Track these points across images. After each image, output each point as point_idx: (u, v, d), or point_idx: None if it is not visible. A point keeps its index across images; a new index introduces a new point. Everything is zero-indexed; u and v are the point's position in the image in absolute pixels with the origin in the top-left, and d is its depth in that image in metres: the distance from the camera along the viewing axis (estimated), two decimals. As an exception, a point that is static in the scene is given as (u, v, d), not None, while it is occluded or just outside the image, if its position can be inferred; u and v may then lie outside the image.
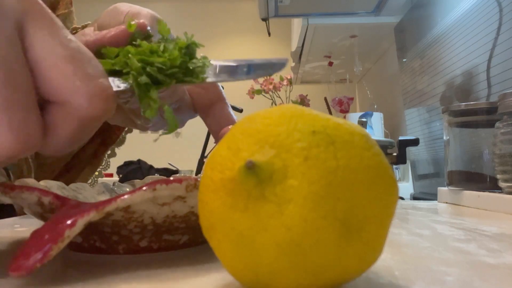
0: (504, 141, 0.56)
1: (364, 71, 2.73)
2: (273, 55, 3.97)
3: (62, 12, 0.53)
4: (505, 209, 0.53)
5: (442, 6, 1.39)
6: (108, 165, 0.58)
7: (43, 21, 0.22)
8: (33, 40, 0.22)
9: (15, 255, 0.20)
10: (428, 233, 0.37)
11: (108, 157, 0.57)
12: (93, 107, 0.22)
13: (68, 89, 0.22)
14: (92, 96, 0.22)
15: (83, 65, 0.23)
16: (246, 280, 0.18)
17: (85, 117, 0.22)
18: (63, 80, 0.22)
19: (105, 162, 0.57)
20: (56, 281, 0.22)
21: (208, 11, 4.09)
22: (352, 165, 0.17)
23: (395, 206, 0.18)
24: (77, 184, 0.38)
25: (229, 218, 0.17)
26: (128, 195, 0.23)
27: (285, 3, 1.63)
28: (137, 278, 0.22)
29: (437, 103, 1.41)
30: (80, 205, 0.23)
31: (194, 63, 0.32)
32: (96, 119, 0.23)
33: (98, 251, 0.28)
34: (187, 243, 0.30)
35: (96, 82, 0.23)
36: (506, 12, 0.97)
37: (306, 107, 0.19)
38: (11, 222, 0.47)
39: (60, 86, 0.22)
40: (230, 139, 0.19)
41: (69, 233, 0.21)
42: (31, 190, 0.26)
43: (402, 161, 1.35)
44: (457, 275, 0.23)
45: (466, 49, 1.18)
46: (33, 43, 0.22)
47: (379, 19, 1.85)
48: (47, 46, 0.22)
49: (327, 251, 0.16)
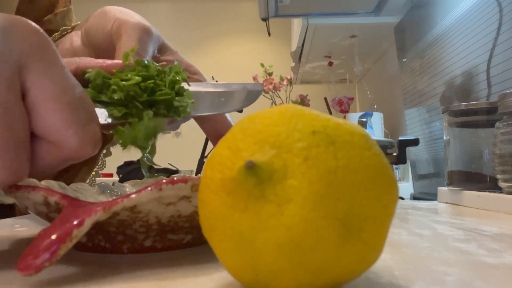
0: (504, 141, 0.56)
1: (364, 71, 2.73)
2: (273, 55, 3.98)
3: (61, 10, 0.53)
4: (505, 209, 0.54)
5: (442, 6, 1.39)
6: (104, 165, 0.58)
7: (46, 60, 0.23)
8: (35, 80, 0.22)
9: (23, 254, 0.20)
10: (428, 233, 0.37)
11: (103, 157, 0.57)
12: (82, 151, 0.24)
13: (62, 135, 0.23)
14: (83, 143, 0.24)
15: (78, 113, 0.24)
16: (246, 280, 0.18)
17: (72, 158, 0.24)
18: (59, 126, 0.23)
19: (101, 162, 0.57)
20: (60, 280, 0.22)
21: (208, 11, 4.09)
22: (352, 165, 0.17)
23: (395, 206, 0.18)
24: (78, 184, 0.38)
25: (229, 218, 0.17)
26: (135, 195, 0.23)
27: (285, 3, 1.63)
28: (138, 277, 0.23)
29: (437, 103, 1.41)
30: (87, 205, 0.23)
31: (178, 101, 0.34)
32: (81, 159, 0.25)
33: (103, 250, 0.28)
34: (190, 242, 0.30)
35: (88, 129, 0.24)
36: (506, 12, 0.97)
37: (306, 107, 0.19)
38: (11, 222, 0.47)
39: (55, 129, 0.23)
40: (230, 139, 0.19)
41: (77, 233, 0.21)
42: (37, 190, 0.26)
43: (402, 161, 1.35)
44: (457, 275, 0.23)
45: (466, 49, 1.18)
46: (34, 83, 0.22)
47: (379, 19, 1.85)
48: (47, 89, 0.23)
49: (327, 251, 0.16)
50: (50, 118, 0.23)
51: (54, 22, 0.52)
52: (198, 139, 2.86)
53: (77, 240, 0.21)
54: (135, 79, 0.32)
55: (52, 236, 0.20)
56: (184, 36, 3.82)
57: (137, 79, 0.32)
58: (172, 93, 0.33)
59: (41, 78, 0.22)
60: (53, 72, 0.23)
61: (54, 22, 0.52)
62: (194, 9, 4.10)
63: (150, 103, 0.33)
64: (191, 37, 3.84)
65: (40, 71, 0.22)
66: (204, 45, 3.89)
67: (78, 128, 0.23)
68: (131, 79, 0.32)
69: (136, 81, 0.32)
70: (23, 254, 0.20)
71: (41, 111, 0.22)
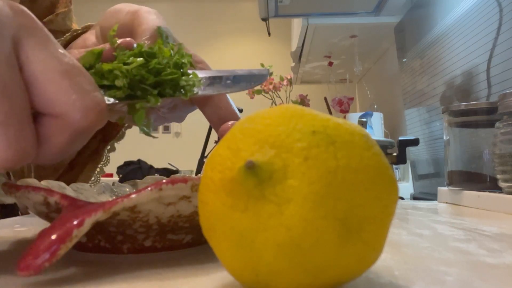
0: (504, 141, 0.56)
1: (364, 71, 2.73)
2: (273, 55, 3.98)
3: (62, 11, 0.53)
4: (505, 209, 0.54)
5: (442, 6, 1.39)
6: (108, 161, 0.58)
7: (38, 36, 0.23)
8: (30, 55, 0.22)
9: (23, 255, 0.20)
10: (428, 233, 0.37)
11: (108, 152, 0.57)
12: (88, 120, 0.23)
13: (64, 103, 0.23)
14: (87, 110, 0.23)
15: (78, 80, 0.23)
16: (246, 280, 0.18)
17: (78, 129, 0.23)
18: (60, 94, 0.22)
19: (105, 158, 0.57)
20: (59, 281, 0.22)
21: (208, 11, 4.09)
22: (352, 165, 0.17)
23: (395, 206, 0.18)
24: (78, 184, 0.38)
25: (229, 218, 0.17)
26: (135, 195, 0.23)
27: (285, 3, 1.63)
28: (138, 277, 0.23)
29: (437, 103, 1.41)
30: (87, 205, 0.23)
31: (185, 80, 0.33)
32: (88, 131, 0.24)
33: (103, 250, 0.28)
34: (190, 242, 0.30)
35: (91, 96, 0.23)
36: (506, 12, 0.97)
37: (306, 107, 0.19)
38: (11, 222, 0.47)
39: (56, 99, 0.22)
40: (230, 139, 0.19)
41: (77, 233, 0.21)
42: (37, 190, 0.26)
43: (402, 161, 1.35)
44: (457, 275, 0.23)
45: (466, 49, 1.18)
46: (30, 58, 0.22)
47: (379, 19, 1.85)
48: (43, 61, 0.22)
49: (327, 251, 0.16)
50: (49, 88, 0.22)
51: (55, 23, 0.52)
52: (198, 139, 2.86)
53: (77, 240, 0.21)
54: (137, 61, 0.30)
55: (52, 236, 0.20)
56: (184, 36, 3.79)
57: (140, 61, 0.30)
58: (178, 72, 0.32)
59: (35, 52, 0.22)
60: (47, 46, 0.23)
61: (55, 22, 0.53)
62: (194, 9, 4.10)
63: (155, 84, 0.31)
64: (191, 37, 3.84)
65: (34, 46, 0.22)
66: (204, 45, 3.89)
67: (78, 95, 0.23)
68: (134, 61, 0.30)
69: (139, 63, 0.30)
70: (23, 254, 0.20)
71: (38, 83, 0.22)
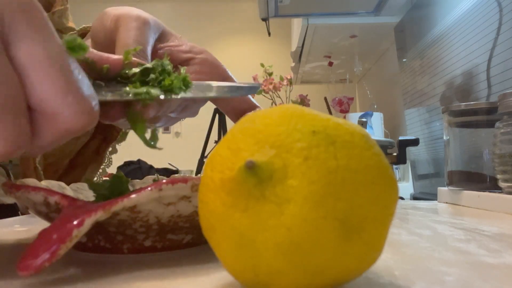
0: (504, 141, 0.56)
1: (364, 71, 2.73)
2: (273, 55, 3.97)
3: (59, 9, 0.53)
4: (505, 209, 0.53)
5: (442, 6, 1.39)
6: (110, 162, 0.58)
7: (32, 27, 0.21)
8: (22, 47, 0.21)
9: (23, 255, 0.20)
10: (428, 233, 0.37)
11: (109, 154, 0.57)
12: (80, 122, 0.22)
13: (59, 103, 0.21)
14: (81, 113, 0.22)
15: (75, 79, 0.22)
16: (246, 280, 0.18)
17: (70, 129, 0.22)
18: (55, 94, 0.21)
19: (107, 159, 0.57)
20: (59, 281, 0.22)
21: (208, 11, 4.09)
22: (352, 165, 0.17)
23: (395, 206, 0.18)
24: (78, 184, 0.38)
25: (229, 218, 0.17)
26: (135, 195, 0.23)
27: (285, 3, 1.63)
28: (138, 277, 0.23)
29: (437, 103, 1.41)
30: (87, 205, 0.23)
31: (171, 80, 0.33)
32: (79, 132, 0.23)
33: (103, 250, 0.28)
34: (190, 242, 0.30)
35: (86, 99, 0.22)
36: (506, 12, 0.97)
37: (306, 107, 0.19)
38: (11, 222, 0.47)
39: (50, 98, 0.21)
40: (230, 139, 0.19)
41: (77, 233, 0.21)
42: (37, 190, 0.26)
43: (402, 161, 1.35)
44: (457, 275, 0.23)
45: (466, 49, 1.18)
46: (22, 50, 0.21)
47: (379, 19, 1.85)
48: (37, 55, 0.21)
49: (327, 251, 0.16)
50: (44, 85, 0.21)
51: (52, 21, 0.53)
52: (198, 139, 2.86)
53: (77, 240, 0.21)
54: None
55: (52, 236, 0.21)
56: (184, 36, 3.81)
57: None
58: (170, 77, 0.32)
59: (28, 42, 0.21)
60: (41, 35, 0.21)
61: (52, 20, 0.53)
62: (194, 9, 4.10)
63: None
64: (191, 37, 3.82)
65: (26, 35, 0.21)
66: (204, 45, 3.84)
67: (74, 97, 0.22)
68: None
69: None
70: (23, 254, 0.20)
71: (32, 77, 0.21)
